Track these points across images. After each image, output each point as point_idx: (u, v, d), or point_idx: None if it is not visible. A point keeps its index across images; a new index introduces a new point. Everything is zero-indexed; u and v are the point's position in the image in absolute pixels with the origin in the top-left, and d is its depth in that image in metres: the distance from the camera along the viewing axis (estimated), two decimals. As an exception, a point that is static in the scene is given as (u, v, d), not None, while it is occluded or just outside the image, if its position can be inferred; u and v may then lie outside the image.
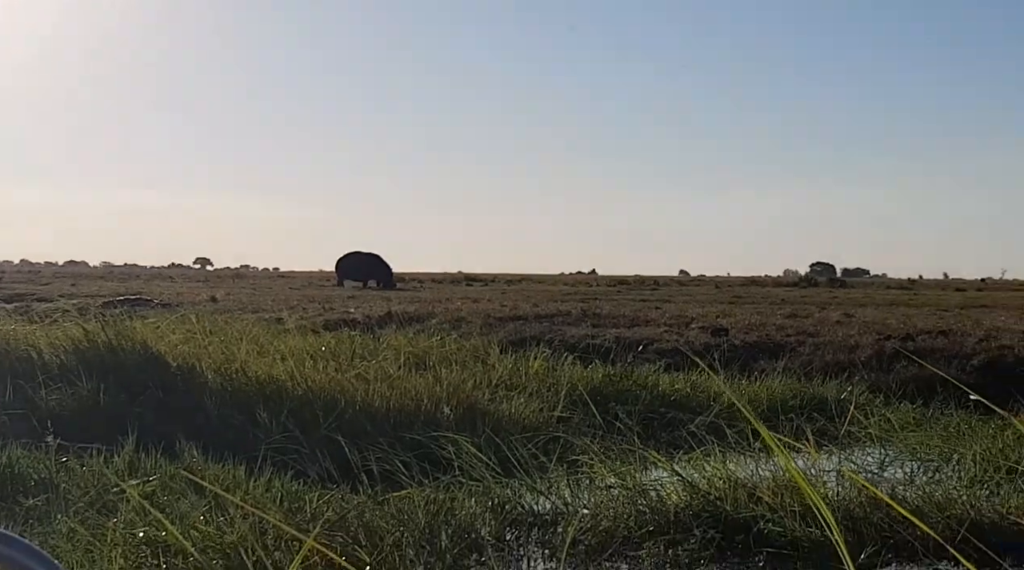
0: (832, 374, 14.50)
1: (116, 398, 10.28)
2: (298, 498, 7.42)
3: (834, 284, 64.03)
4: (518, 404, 11.09)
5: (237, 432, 9.57)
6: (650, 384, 12.94)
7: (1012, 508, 7.30)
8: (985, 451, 9.27)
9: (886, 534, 6.98)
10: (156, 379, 10.63)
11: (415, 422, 9.97)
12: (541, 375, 13.03)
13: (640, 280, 73.14)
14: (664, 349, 16.81)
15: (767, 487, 7.67)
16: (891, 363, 15.08)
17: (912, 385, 13.63)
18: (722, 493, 7.72)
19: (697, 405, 11.98)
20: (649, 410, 11.73)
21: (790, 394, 12.91)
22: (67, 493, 7.38)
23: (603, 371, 13.46)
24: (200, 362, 11.27)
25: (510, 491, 8.12)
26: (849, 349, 16.17)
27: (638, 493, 7.80)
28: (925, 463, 9.67)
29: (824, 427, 10.79)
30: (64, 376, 10.68)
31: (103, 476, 7.73)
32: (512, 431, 9.79)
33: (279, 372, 11.09)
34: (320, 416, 9.83)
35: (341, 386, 10.74)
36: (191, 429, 9.41)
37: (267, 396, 10.36)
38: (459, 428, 9.52)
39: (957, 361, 14.79)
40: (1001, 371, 14.34)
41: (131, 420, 9.26)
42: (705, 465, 8.56)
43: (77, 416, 9.87)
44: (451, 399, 10.68)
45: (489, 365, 13.46)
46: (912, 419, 11.53)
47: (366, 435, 9.39)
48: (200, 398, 10.35)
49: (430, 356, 13.92)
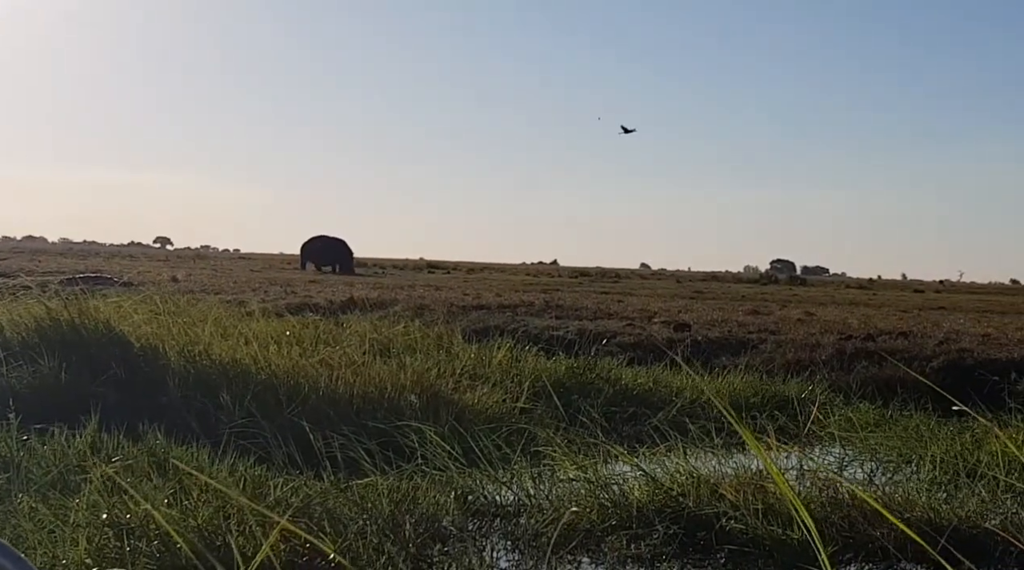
0: (793, 372, 14.60)
1: (78, 377, 10.18)
2: (262, 483, 7.39)
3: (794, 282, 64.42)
4: (482, 394, 11.10)
5: (200, 415, 9.51)
6: (613, 378, 12.98)
7: (971, 511, 7.38)
8: (943, 453, 9.36)
9: (846, 534, 7.04)
10: (119, 359, 10.53)
11: (378, 409, 9.94)
12: (505, 366, 13.03)
13: (601, 272, 73.35)
14: (626, 343, 16.86)
15: (729, 484, 7.71)
16: (852, 363, 15.20)
17: (872, 385, 13.76)
18: (684, 489, 7.76)
19: (659, 400, 12.04)
20: (612, 404, 11.77)
21: (752, 391, 12.99)
22: (28, 472, 7.31)
23: (566, 363, 13.48)
24: (163, 343, 11.18)
25: (473, 482, 8.13)
26: (810, 348, 16.28)
27: (601, 487, 7.83)
28: (884, 464, 9.75)
29: (785, 425, 10.86)
30: (25, 353, 10.55)
31: (65, 456, 7.68)
32: (475, 421, 9.80)
33: (243, 356, 11.03)
34: (283, 401, 9.79)
35: (305, 371, 10.70)
36: (154, 410, 9.35)
37: (230, 379, 10.29)
38: (423, 417, 9.51)
39: (917, 363, 14.91)
40: (960, 374, 14.47)
41: (93, 400, 9.19)
42: (667, 460, 8.60)
43: (38, 394, 9.76)
44: (415, 387, 10.66)
45: (453, 354, 13.46)
46: (872, 419, 11.62)
47: (329, 421, 9.37)
48: (163, 379, 10.28)
49: (394, 343, 13.90)
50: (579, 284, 44.39)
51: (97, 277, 26.17)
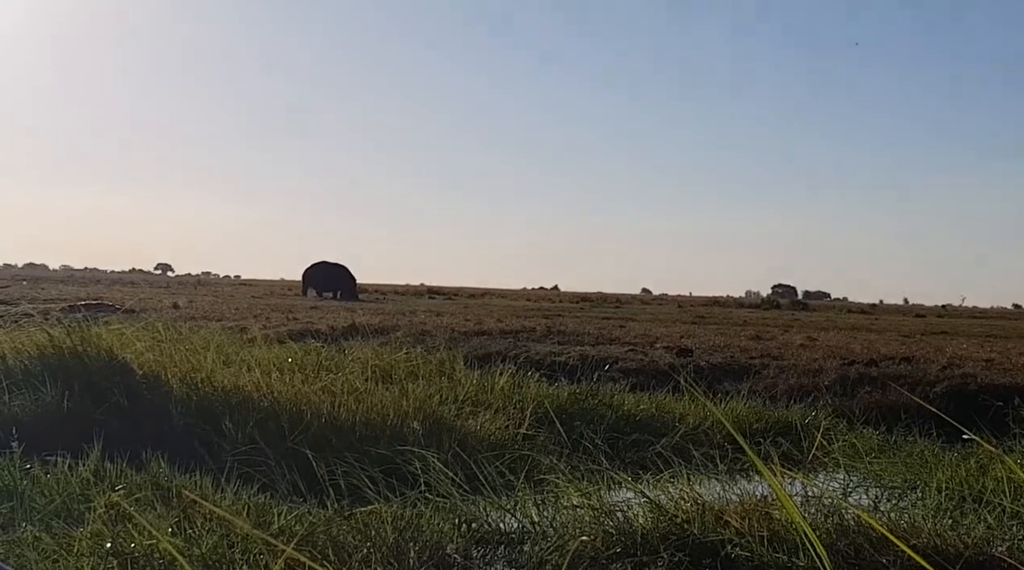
0: (796, 398, 14.58)
1: (81, 405, 10.17)
2: (265, 511, 7.37)
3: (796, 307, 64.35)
4: (484, 421, 11.08)
5: (203, 442, 9.50)
6: (616, 404, 12.96)
7: (977, 538, 7.35)
8: (949, 479, 9.33)
9: (853, 561, 7.00)
10: (121, 387, 10.53)
11: (381, 436, 9.92)
12: (507, 392, 13.01)
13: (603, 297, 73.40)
14: (629, 369, 16.85)
15: (734, 511, 7.67)
16: (855, 388, 15.18)
17: (876, 411, 13.73)
18: (689, 515, 7.71)
19: (662, 426, 12.01)
20: (615, 430, 11.74)
21: (755, 417, 12.96)
22: (32, 501, 7.29)
23: (569, 389, 13.47)
24: (166, 370, 11.18)
25: (477, 509, 8.10)
26: (813, 373, 16.26)
27: (605, 514, 7.79)
28: (889, 490, 9.71)
29: (788, 451, 10.83)
30: (28, 382, 10.55)
31: (69, 484, 7.66)
32: (478, 448, 9.77)
33: (245, 383, 11.03)
34: (286, 428, 9.78)
35: (308, 398, 10.68)
36: (157, 438, 9.33)
37: (233, 407, 10.29)
38: (426, 443, 9.48)
39: (921, 388, 14.89)
40: (964, 399, 14.43)
41: (96, 428, 9.18)
42: (671, 487, 8.57)
43: (41, 422, 9.75)
44: (417, 414, 10.64)
45: (455, 380, 13.44)
46: (876, 445, 11.59)
47: (332, 448, 9.35)
48: (166, 407, 10.27)
49: (396, 370, 13.88)
50: (581, 309, 44.37)
51: (99, 304, 26.21)
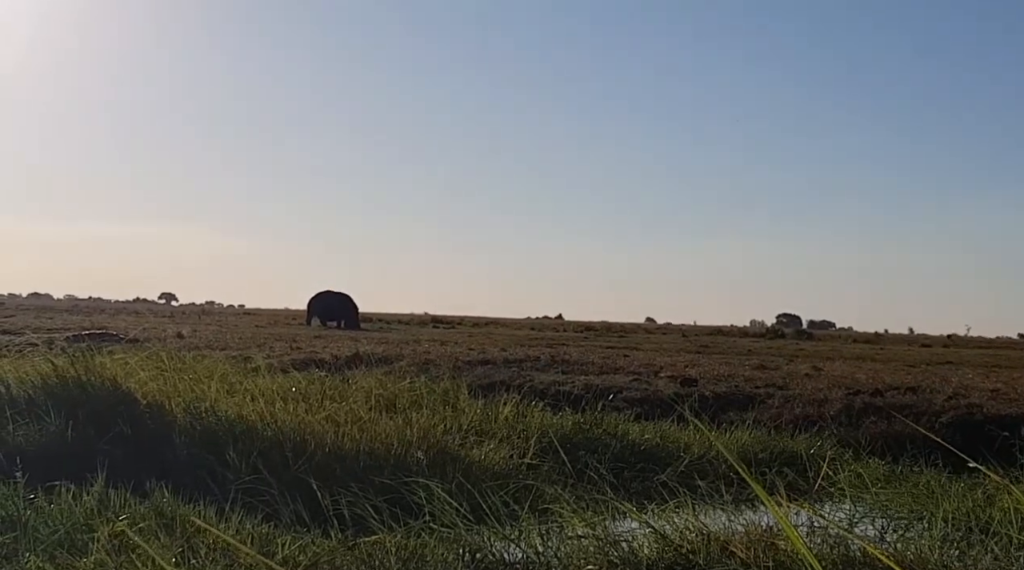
0: (801, 427, 14.54)
1: (84, 435, 10.16)
2: (269, 541, 7.35)
3: (801, 336, 64.22)
4: (488, 450, 11.06)
5: (207, 472, 9.48)
6: (620, 433, 12.93)
7: (984, 569, 7.31)
8: (955, 510, 9.29)
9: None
10: (125, 416, 10.52)
11: (385, 466, 9.90)
12: (511, 421, 13.00)
13: (607, 326, 73.30)
14: (633, 398, 16.82)
15: (740, 541, 7.64)
16: (860, 418, 15.14)
17: (881, 441, 13.69)
18: (694, 546, 7.69)
19: (667, 456, 11.99)
20: (619, 459, 11.72)
21: (760, 447, 12.94)
22: (35, 531, 7.27)
23: (573, 419, 13.45)
24: (170, 400, 11.18)
25: (481, 539, 8.07)
26: (818, 403, 16.21)
27: (609, 544, 7.77)
28: (895, 521, 9.68)
29: (794, 481, 10.80)
30: (32, 411, 10.54)
31: (72, 514, 7.64)
32: (483, 477, 9.75)
33: (249, 412, 11.02)
34: (290, 458, 9.77)
35: (311, 428, 10.67)
36: (160, 468, 9.33)
37: (237, 436, 10.28)
38: (430, 473, 9.46)
39: (926, 418, 14.85)
40: (970, 429, 14.39)
41: (100, 457, 9.17)
42: (676, 517, 8.54)
43: (45, 452, 9.73)
44: (421, 443, 10.63)
45: (459, 410, 13.43)
46: (882, 475, 11.56)
47: (336, 478, 9.34)
48: (169, 436, 10.26)
49: (400, 399, 13.86)
50: (585, 338, 44.29)
51: (103, 334, 26.21)
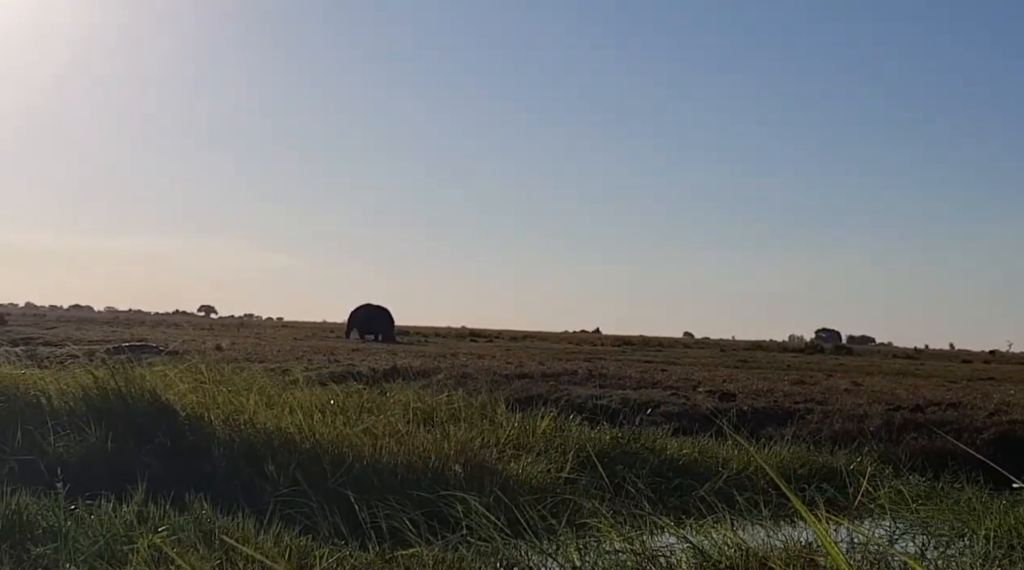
0: (841, 443, 14.45)
1: (124, 446, 10.24)
2: (307, 554, 7.37)
3: (840, 351, 63.80)
4: (526, 464, 11.05)
5: (245, 484, 9.52)
6: (658, 448, 12.89)
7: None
8: (996, 527, 9.20)
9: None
10: (165, 428, 10.59)
11: (423, 479, 9.91)
12: (549, 435, 12.98)
13: (644, 341, 73.06)
14: (671, 412, 16.77)
15: (779, 557, 7.59)
16: (900, 434, 15.02)
17: (921, 457, 13.58)
18: (733, 562, 7.64)
19: (705, 470, 11.93)
20: (657, 474, 11.69)
21: (799, 462, 12.85)
22: (75, 542, 7.33)
23: (611, 433, 13.41)
24: (209, 412, 11.24)
25: (519, 553, 8.06)
26: (858, 418, 16.09)
27: (647, 559, 7.73)
28: (936, 538, 9.58)
29: (833, 497, 10.73)
30: (72, 423, 10.63)
31: (112, 526, 7.69)
32: (520, 491, 9.74)
33: (287, 424, 11.06)
34: (328, 470, 9.79)
35: (349, 440, 10.69)
36: (200, 480, 9.37)
37: (275, 448, 10.32)
38: (467, 486, 9.46)
39: (967, 434, 14.72)
40: (1012, 446, 14.26)
41: (139, 469, 9.24)
42: (714, 532, 8.49)
43: (85, 463, 9.82)
44: (459, 457, 10.62)
45: (496, 423, 13.43)
46: (922, 492, 11.46)
47: (374, 491, 9.35)
48: (208, 448, 10.32)
49: (438, 412, 13.86)
50: (622, 352, 44.18)
51: (143, 346, 26.35)
